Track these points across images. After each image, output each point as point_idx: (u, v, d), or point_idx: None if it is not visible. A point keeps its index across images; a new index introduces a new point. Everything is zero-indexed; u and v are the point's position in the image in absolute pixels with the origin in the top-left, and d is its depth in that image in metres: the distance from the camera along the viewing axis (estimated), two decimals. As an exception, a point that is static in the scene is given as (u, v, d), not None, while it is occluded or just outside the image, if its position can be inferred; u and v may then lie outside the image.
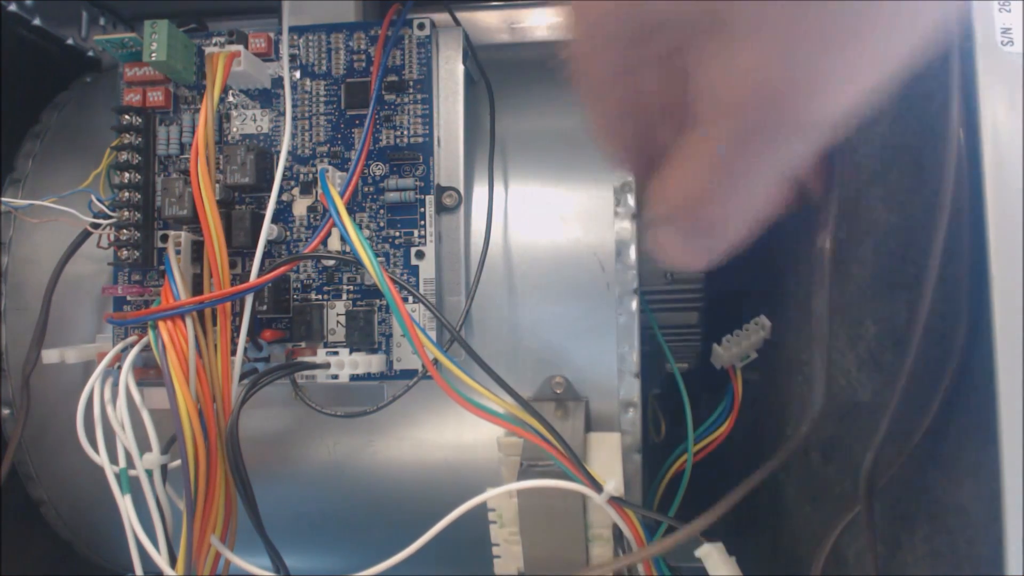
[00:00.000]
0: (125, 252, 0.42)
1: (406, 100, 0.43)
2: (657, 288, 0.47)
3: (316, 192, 0.43)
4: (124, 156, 0.43)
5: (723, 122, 0.20)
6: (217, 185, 0.41)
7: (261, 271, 0.40)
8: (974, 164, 0.26)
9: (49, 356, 0.42)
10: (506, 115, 0.47)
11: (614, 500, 0.38)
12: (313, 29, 0.44)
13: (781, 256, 0.51)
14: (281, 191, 0.43)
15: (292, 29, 0.44)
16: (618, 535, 0.41)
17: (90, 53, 0.60)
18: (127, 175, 0.43)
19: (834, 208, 0.29)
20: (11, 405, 0.51)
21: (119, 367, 0.38)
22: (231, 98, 0.44)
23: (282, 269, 0.39)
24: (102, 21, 0.61)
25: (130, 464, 0.37)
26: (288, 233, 0.43)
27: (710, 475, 0.54)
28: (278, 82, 0.44)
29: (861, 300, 0.35)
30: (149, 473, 0.37)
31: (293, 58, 0.44)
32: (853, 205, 0.35)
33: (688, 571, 0.42)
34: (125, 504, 0.37)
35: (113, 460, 0.38)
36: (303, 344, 0.42)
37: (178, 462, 0.36)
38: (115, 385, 0.38)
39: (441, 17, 0.45)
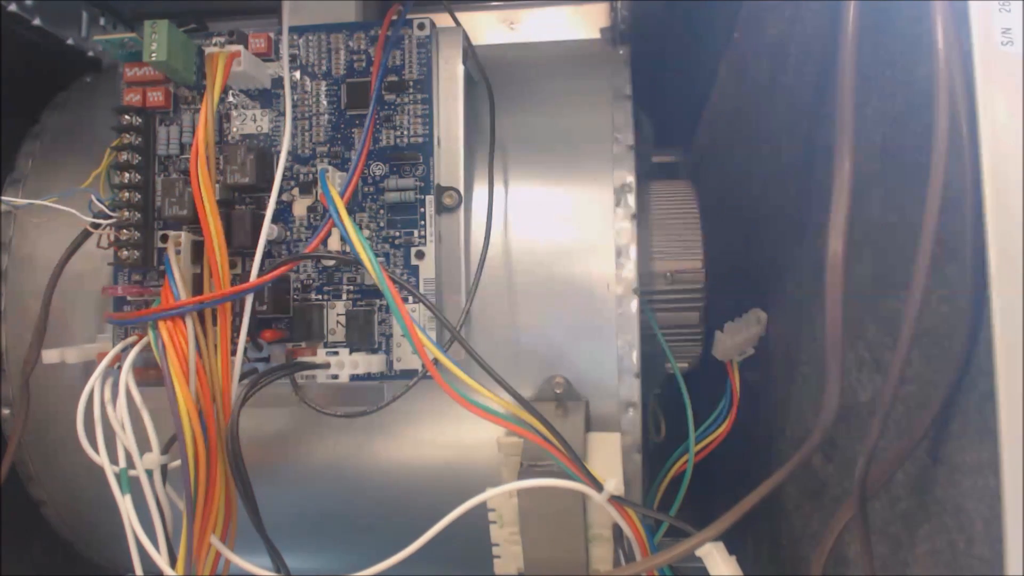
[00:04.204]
0: (125, 252, 0.42)
1: (406, 100, 0.43)
2: (657, 288, 0.47)
3: (316, 192, 0.43)
4: (124, 156, 0.43)
5: None
6: (217, 185, 0.41)
7: (261, 271, 0.40)
8: (974, 164, 0.26)
9: (49, 356, 0.42)
10: (506, 115, 0.47)
11: (615, 499, 0.38)
12: (313, 29, 0.44)
13: (780, 257, 0.51)
14: (281, 191, 0.43)
15: (292, 29, 0.44)
16: (618, 535, 0.41)
17: (90, 53, 0.60)
18: (127, 175, 0.43)
19: (844, 210, 0.28)
20: (11, 405, 0.51)
21: (119, 367, 0.38)
22: (231, 98, 0.44)
23: (282, 269, 0.39)
24: (102, 21, 0.61)
25: (130, 464, 0.37)
26: (288, 233, 0.43)
27: (708, 474, 0.54)
28: (278, 82, 0.44)
29: (861, 300, 0.35)
30: (149, 473, 0.37)
31: (293, 58, 0.44)
32: (853, 206, 0.35)
33: (688, 571, 0.42)
34: (125, 504, 0.37)
35: (113, 460, 0.38)
36: (303, 344, 0.42)
37: (178, 462, 0.36)
38: (115, 385, 0.38)
39: (441, 17, 0.45)
